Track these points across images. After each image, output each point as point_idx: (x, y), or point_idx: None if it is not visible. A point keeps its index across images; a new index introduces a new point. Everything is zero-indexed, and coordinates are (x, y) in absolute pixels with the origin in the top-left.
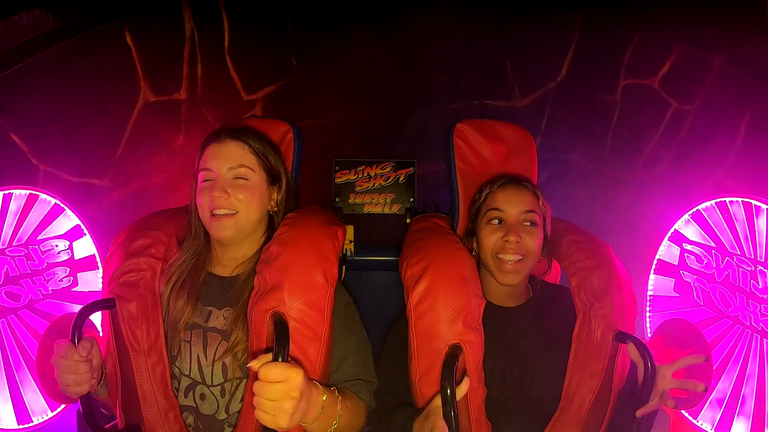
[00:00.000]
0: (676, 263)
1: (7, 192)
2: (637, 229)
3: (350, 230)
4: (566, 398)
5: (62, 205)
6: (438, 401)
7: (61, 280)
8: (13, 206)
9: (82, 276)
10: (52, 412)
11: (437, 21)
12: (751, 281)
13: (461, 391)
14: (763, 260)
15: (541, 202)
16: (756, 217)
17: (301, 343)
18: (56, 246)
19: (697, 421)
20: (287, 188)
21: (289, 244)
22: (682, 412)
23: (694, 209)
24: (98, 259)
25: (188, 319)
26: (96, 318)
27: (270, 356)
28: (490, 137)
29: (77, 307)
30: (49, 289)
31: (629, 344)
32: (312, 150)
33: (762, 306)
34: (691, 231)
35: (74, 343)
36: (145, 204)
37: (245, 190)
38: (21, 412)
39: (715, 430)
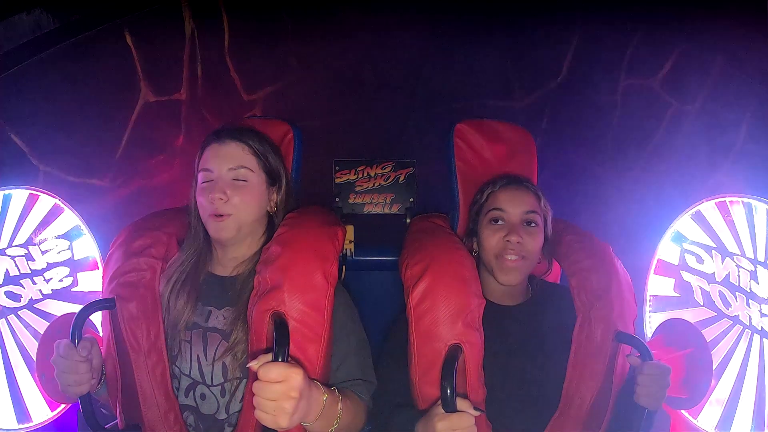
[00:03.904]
0: (676, 263)
1: (7, 192)
2: (637, 229)
3: (350, 230)
4: (566, 398)
5: (62, 205)
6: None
7: (61, 280)
8: (13, 206)
9: (82, 276)
10: (52, 412)
11: (437, 21)
12: (751, 281)
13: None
14: (763, 260)
15: (542, 203)
16: (756, 217)
17: (301, 343)
18: (56, 246)
19: (697, 421)
20: (287, 189)
21: (289, 245)
22: (682, 412)
23: (694, 209)
24: (98, 259)
25: (188, 319)
26: (96, 318)
27: (270, 356)
28: (490, 137)
29: (77, 307)
30: (49, 289)
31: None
32: (312, 150)
33: (762, 306)
34: (691, 231)
35: (74, 343)
36: (145, 204)
37: (244, 191)
38: (21, 412)
39: (715, 430)
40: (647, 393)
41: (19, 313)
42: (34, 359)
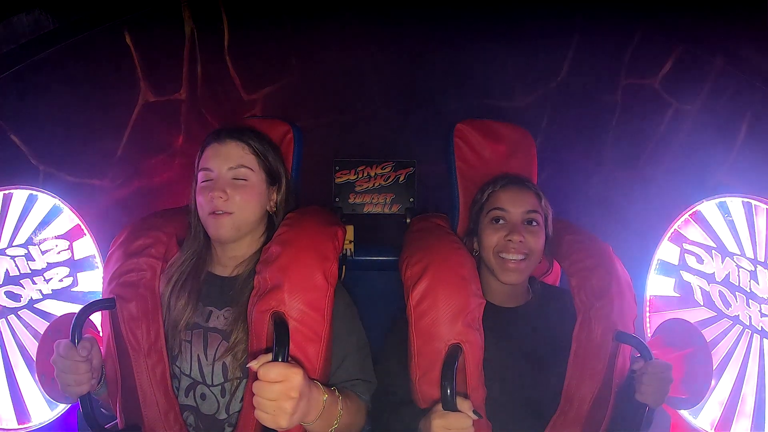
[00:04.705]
0: (676, 263)
1: (7, 192)
2: (637, 229)
3: (350, 230)
4: (566, 398)
5: (62, 205)
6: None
7: (61, 280)
8: (13, 206)
9: (82, 276)
10: (52, 412)
11: (437, 21)
12: (751, 281)
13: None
14: (763, 260)
15: (543, 203)
16: (756, 217)
17: (301, 343)
18: (56, 246)
19: (697, 421)
20: (287, 188)
21: (289, 244)
22: (682, 412)
23: (694, 209)
24: (98, 259)
25: (189, 320)
26: (96, 318)
27: (270, 356)
28: (490, 137)
29: (77, 307)
30: (49, 289)
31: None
32: (312, 150)
33: (762, 306)
34: (691, 231)
35: (74, 343)
36: (145, 204)
37: (244, 190)
38: (21, 412)
39: (715, 430)
40: (652, 391)
41: (19, 313)
42: (34, 359)
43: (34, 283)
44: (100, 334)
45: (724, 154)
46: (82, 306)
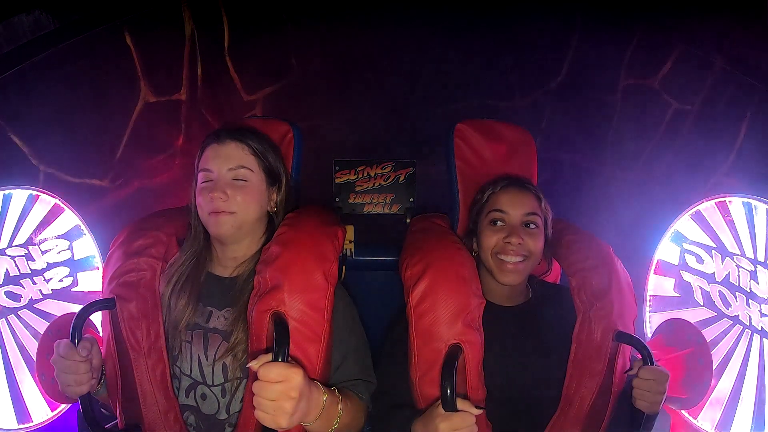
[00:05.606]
0: (676, 263)
1: (7, 192)
2: (637, 229)
3: (350, 230)
4: (566, 398)
5: (62, 205)
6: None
7: (61, 280)
8: (13, 206)
9: (82, 276)
10: (52, 412)
11: (437, 21)
12: (751, 281)
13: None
14: (763, 260)
15: (542, 205)
16: (756, 217)
17: (301, 343)
18: (56, 246)
19: (697, 421)
20: (287, 189)
21: (290, 245)
22: (682, 412)
23: (694, 209)
24: (98, 259)
25: (189, 320)
26: (96, 318)
27: (270, 356)
28: (490, 137)
29: (77, 307)
30: (49, 289)
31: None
32: (312, 150)
33: (762, 306)
34: (691, 231)
35: (74, 343)
36: (145, 204)
37: (244, 191)
38: (21, 412)
39: (715, 430)
40: (642, 397)
41: (19, 313)
42: (34, 359)
43: (34, 283)
44: (100, 334)
45: (724, 154)
46: (82, 306)
